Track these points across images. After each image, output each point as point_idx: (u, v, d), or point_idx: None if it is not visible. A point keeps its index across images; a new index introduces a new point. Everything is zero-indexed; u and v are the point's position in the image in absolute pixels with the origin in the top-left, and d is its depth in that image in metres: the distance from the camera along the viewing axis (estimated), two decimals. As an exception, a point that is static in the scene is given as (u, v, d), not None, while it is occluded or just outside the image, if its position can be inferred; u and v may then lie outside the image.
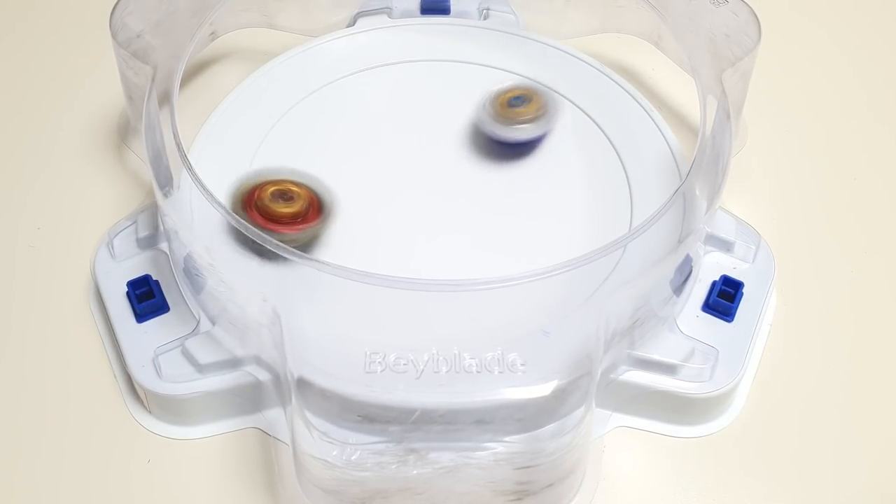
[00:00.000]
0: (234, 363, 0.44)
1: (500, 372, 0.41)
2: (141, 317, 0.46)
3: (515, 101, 0.51)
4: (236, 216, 0.43)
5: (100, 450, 0.45)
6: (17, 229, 0.52)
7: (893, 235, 0.53)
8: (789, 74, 0.59)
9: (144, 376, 0.45)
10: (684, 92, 0.55)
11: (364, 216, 0.49)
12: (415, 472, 0.40)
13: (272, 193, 0.46)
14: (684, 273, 0.46)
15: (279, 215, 0.45)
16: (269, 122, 0.52)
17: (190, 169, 0.44)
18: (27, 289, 0.50)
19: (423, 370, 0.41)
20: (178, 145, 0.45)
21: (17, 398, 0.46)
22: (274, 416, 0.45)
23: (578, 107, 0.53)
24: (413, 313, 0.42)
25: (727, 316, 0.47)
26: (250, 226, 0.42)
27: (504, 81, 0.53)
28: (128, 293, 0.46)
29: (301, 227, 0.46)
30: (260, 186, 0.46)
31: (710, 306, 0.47)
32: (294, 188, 0.46)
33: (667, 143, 0.51)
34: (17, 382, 0.47)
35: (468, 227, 0.48)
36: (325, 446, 0.40)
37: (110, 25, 0.49)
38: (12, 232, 0.52)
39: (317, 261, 0.41)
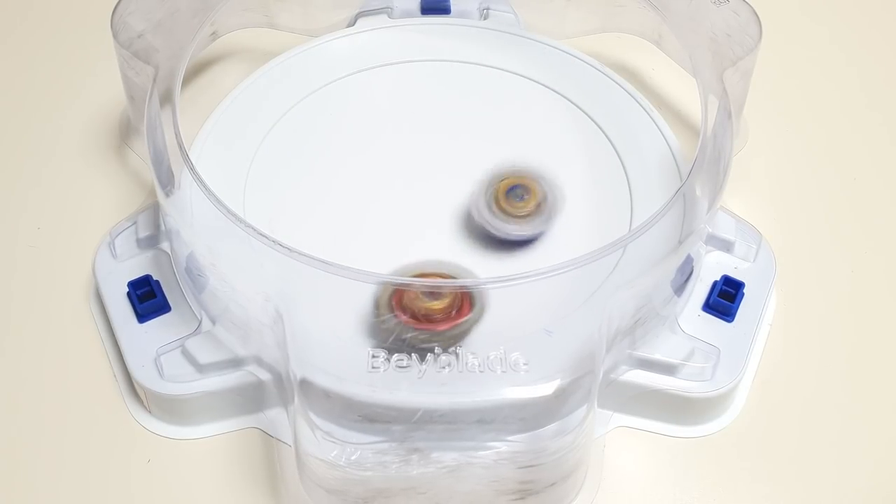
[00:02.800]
0: (235, 363, 0.44)
1: (503, 371, 0.41)
2: (142, 317, 0.46)
3: (515, 191, 0.48)
4: (237, 215, 0.43)
5: (100, 450, 0.45)
6: (18, 229, 0.52)
7: (893, 235, 0.53)
8: (790, 74, 0.59)
9: (145, 376, 0.44)
10: (685, 92, 0.55)
11: (364, 216, 0.49)
12: (417, 471, 0.40)
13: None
14: (685, 273, 0.46)
15: (430, 311, 0.43)
16: (269, 121, 0.52)
17: (191, 168, 0.44)
18: (27, 289, 0.50)
19: (425, 370, 0.41)
20: (180, 145, 0.45)
21: (18, 398, 0.46)
22: (275, 416, 0.45)
23: (578, 107, 0.53)
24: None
25: (728, 316, 0.47)
26: (248, 223, 0.42)
27: (499, 166, 0.50)
28: (129, 293, 0.46)
29: (456, 321, 0.43)
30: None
31: (710, 306, 0.47)
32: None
33: (667, 143, 0.51)
34: (17, 382, 0.47)
35: (469, 227, 0.48)
36: (327, 446, 0.40)
37: (111, 25, 0.49)
38: (12, 232, 0.52)
39: (319, 260, 0.41)
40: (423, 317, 0.42)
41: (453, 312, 0.43)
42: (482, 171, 0.50)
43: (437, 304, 0.42)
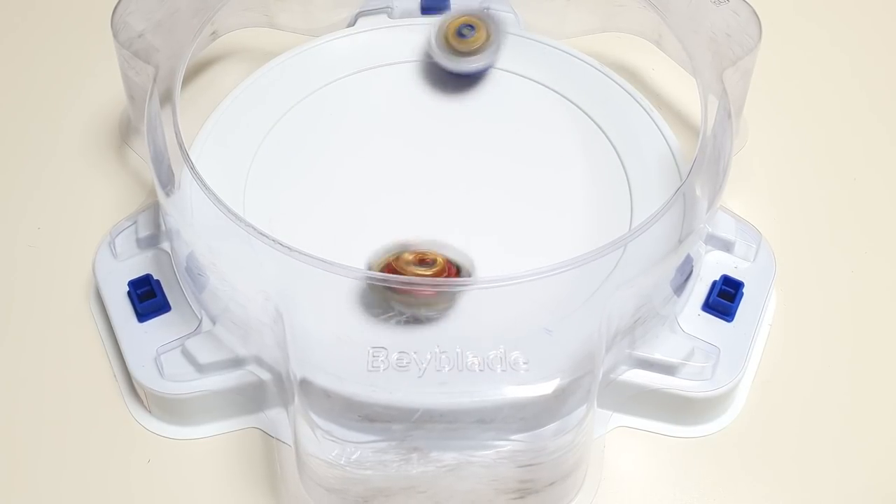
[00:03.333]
0: (235, 363, 0.44)
1: (503, 371, 0.41)
2: (142, 316, 0.46)
3: (465, 31, 0.53)
4: (237, 215, 0.43)
5: (100, 450, 0.45)
6: (18, 229, 0.52)
7: (893, 235, 0.53)
8: (790, 74, 0.59)
9: (145, 376, 0.45)
10: (685, 91, 0.55)
11: (364, 216, 0.49)
12: (417, 470, 0.40)
13: (411, 259, 0.44)
14: (685, 272, 0.46)
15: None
16: (270, 121, 0.52)
17: (192, 168, 0.44)
18: (27, 289, 0.50)
19: (425, 369, 0.41)
20: (180, 144, 0.45)
21: (18, 398, 0.46)
22: (275, 416, 0.45)
23: (578, 107, 0.53)
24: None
25: (727, 315, 0.47)
26: (248, 223, 0.42)
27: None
28: (129, 293, 0.46)
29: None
30: (397, 256, 0.44)
31: (710, 306, 0.47)
32: (432, 255, 0.44)
33: (667, 142, 0.51)
34: (17, 382, 0.47)
35: (470, 227, 0.48)
36: (327, 445, 0.40)
37: (112, 25, 0.49)
38: (12, 232, 0.52)
39: (319, 260, 0.41)
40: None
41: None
42: (482, 170, 0.50)
43: (427, 272, 0.43)
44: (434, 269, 0.43)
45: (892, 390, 0.47)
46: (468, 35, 0.53)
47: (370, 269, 0.44)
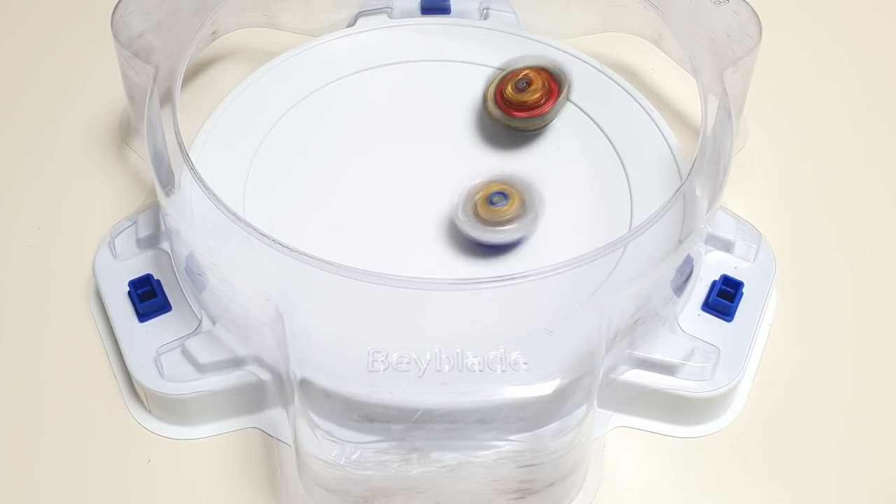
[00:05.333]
0: (235, 363, 0.44)
1: (503, 371, 0.41)
2: (143, 316, 0.46)
3: (496, 199, 0.47)
4: (237, 215, 0.43)
5: (100, 450, 0.45)
6: (17, 229, 0.52)
7: (893, 235, 0.53)
8: (790, 74, 0.59)
9: (145, 376, 0.45)
10: (685, 91, 0.55)
11: (365, 215, 0.49)
12: (417, 470, 0.40)
13: (514, 86, 0.50)
14: (685, 272, 0.46)
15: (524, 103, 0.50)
16: (269, 121, 0.52)
17: (192, 168, 0.44)
18: (27, 289, 0.50)
19: (425, 369, 0.41)
20: (180, 144, 0.45)
21: (17, 398, 0.46)
22: (275, 416, 0.45)
23: (578, 107, 0.53)
24: (415, 312, 0.42)
25: (727, 315, 0.47)
26: (248, 223, 0.42)
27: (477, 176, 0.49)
28: (130, 293, 0.46)
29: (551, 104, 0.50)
30: (502, 82, 0.50)
31: (710, 306, 0.47)
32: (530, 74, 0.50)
33: (667, 143, 0.51)
34: (16, 382, 0.47)
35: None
36: (327, 446, 0.40)
37: (112, 25, 0.49)
38: (12, 232, 0.52)
39: (319, 259, 0.41)
40: (520, 105, 0.50)
41: (543, 100, 0.50)
42: (481, 171, 0.50)
43: (531, 94, 0.50)
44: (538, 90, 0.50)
45: (892, 390, 0.47)
46: (499, 204, 0.47)
47: (485, 98, 0.51)
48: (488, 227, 0.47)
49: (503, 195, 0.47)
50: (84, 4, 0.62)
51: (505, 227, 0.47)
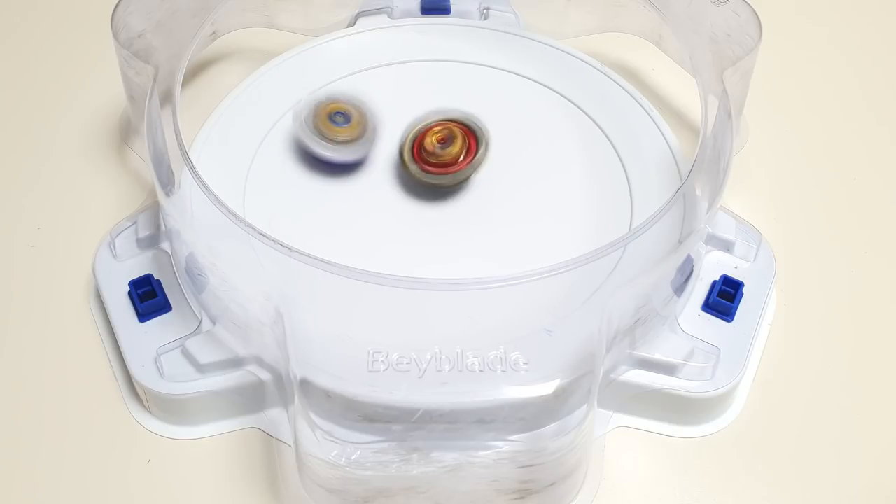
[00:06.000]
0: (235, 363, 0.44)
1: (503, 371, 0.41)
2: (143, 316, 0.46)
3: (338, 118, 0.50)
4: (237, 215, 0.43)
5: (100, 450, 0.45)
6: (17, 229, 0.52)
7: (893, 235, 0.53)
8: (790, 74, 0.59)
9: (145, 376, 0.45)
10: (685, 92, 0.55)
11: (365, 215, 0.49)
12: (417, 471, 0.40)
13: (435, 141, 0.48)
14: (685, 273, 0.46)
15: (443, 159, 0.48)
16: (269, 121, 0.52)
17: (192, 168, 0.44)
18: (27, 289, 0.50)
19: (425, 369, 0.41)
20: (180, 144, 0.45)
21: (17, 398, 0.46)
22: (275, 416, 0.45)
23: (578, 107, 0.53)
24: (415, 313, 0.42)
25: (727, 316, 0.47)
26: (248, 223, 0.42)
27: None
28: (130, 293, 0.46)
29: (467, 162, 0.48)
30: (422, 133, 0.49)
31: (710, 306, 0.47)
32: (446, 130, 0.49)
33: (667, 143, 0.51)
34: (17, 382, 0.47)
35: (470, 227, 0.48)
36: (327, 446, 0.40)
37: (112, 25, 0.49)
38: (12, 232, 0.52)
39: (319, 260, 0.41)
40: (440, 163, 0.48)
41: (462, 157, 0.48)
42: (481, 171, 0.50)
43: (451, 149, 0.48)
44: (457, 146, 0.48)
45: (892, 390, 0.47)
46: (341, 123, 0.49)
47: (401, 150, 0.49)
48: (326, 141, 0.49)
49: (344, 115, 0.50)
50: (84, 4, 0.62)
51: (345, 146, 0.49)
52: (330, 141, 0.49)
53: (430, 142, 0.48)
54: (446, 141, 0.48)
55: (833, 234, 0.53)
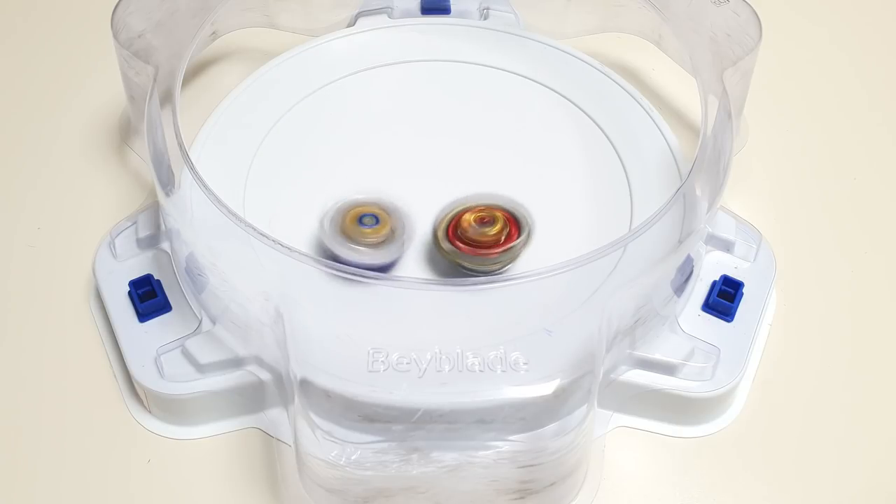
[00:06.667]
0: (235, 363, 0.44)
1: (503, 371, 0.41)
2: (143, 316, 0.46)
3: (366, 220, 0.46)
4: (237, 215, 0.43)
5: (100, 450, 0.45)
6: (17, 229, 0.52)
7: (893, 235, 0.53)
8: (790, 74, 0.59)
9: (145, 376, 0.45)
10: (685, 92, 0.55)
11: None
12: (417, 471, 0.40)
13: (472, 220, 0.46)
14: (685, 273, 0.46)
15: (484, 241, 0.45)
16: (269, 121, 0.52)
17: (192, 168, 0.44)
18: (27, 289, 0.50)
19: (425, 369, 0.41)
20: (180, 144, 0.45)
21: (17, 398, 0.46)
22: (275, 416, 0.45)
23: (578, 107, 0.53)
24: (415, 312, 0.42)
25: (727, 316, 0.47)
26: (248, 223, 0.42)
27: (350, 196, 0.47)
28: (130, 293, 0.46)
29: (507, 245, 0.45)
30: (458, 215, 0.46)
31: (710, 306, 0.47)
32: (490, 213, 0.46)
33: (667, 143, 0.51)
34: (17, 382, 0.47)
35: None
36: (327, 446, 0.40)
37: (112, 25, 0.49)
38: (12, 232, 0.52)
39: (319, 260, 0.41)
40: (475, 243, 0.45)
41: (503, 238, 0.45)
42: (483, 170, 0.50)
43: (490, 230, 0.45)
44: (496, 227, 0.45)
45: (892, 390, 0.47)
46: (370, 225, 0.46)
47: (435, 231, 0.46)
48: (352, 244, 0.45)
49: (374, 217, 0.46)
50: (84, 4, 0.62)
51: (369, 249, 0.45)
52: (359, 244, 0.45)
53: (468, 220, 0.46)
54: (486, 222, 0.46)
55: (833, 234, 0.53)
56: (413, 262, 0.46)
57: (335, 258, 0.45)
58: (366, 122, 0.52)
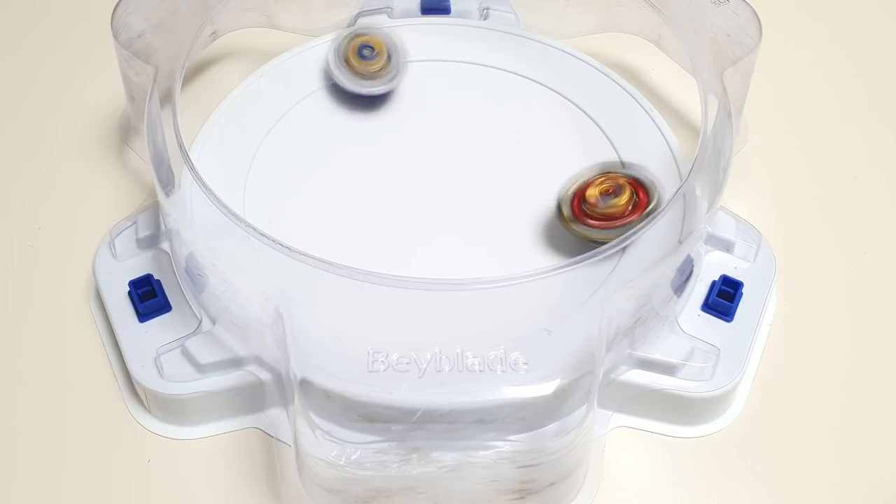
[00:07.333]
0: (235, 363, 0.44)
1: (503, 371, 0.41)
2: (143, 316, 0.46)
3: (366, 52, 0.52)
4: (237, 215, 0.43)
5: (100, 450, 0.45)
6: (18, 229, 0.52)
7: (893, 235, 0.53)
8: (790, 74, 0.59)
9: (145, 376, 0.45)
10: (685, 92, 0.55)
11: (365, 215, 0.49)
12: (417, 471, 0.40)
13: (597, 193, 0.46)
14: (685, 273, 0.46)
15: (614, 213, 0.46)
16: (269, 121, 0.52)
17: (191, 168, 0.44)
18: (27, 289, 0.50)
19: (425, 369, 0.41)
20: (180, 144, 0.45)
21: (17, 398, 0.46)
22: (275, 416, 0.45)
23: (578, 107, 0.53)
24: (415, 312, 0.42)
25: (727, 316, 0.47)
26: (248, 223, 0.42)
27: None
28: (130, 293, 0.46)
29: (637, 214, 0.46)
30: (579, 192, 0.46)
31: (709, 306, 0.47)
32: (614, 181, 0.47)
33: (667, 143, 0.51)
34: (17, 382, 0.47)
35: (469, 227, 0.48)
36: (327, 446, 0.40)
37: (112, 25, 0.49)
38: (12, 232, 0.52)
39: (319, 260, 0.41)
40: (606, 217, 0.45)
41: (630, 207, 0.46)
42: (483, 170, 0.50)
43: (619, 200, 0.46)
44: (624, 196, 0.46)
45: (892, 390, 0.47)
46: (369, 56, 0.53)
47: (561, 211, 0.46)
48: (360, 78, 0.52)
49: (371, 48, 0.52)
50: (84, 4, 0.62)
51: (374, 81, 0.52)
52: (360, 76, 0.52)
53: (593, 194, 0.46)
54: (611, 192, 0.46)
55: (833, 234, 0.53)
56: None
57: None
58: (366, 122, 0.52)
